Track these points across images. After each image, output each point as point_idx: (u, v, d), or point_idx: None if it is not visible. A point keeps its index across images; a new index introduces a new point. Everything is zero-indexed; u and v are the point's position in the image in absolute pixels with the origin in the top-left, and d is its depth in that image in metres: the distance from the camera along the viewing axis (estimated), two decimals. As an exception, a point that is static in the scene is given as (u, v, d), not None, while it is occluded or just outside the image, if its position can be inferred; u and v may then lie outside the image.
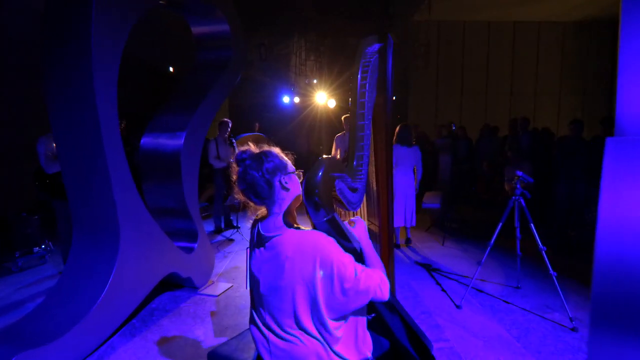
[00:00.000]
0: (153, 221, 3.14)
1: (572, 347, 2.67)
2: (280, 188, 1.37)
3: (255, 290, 1.47)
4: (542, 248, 3.04)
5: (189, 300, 3.49)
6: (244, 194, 1.39)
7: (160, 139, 3.53)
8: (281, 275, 1.33)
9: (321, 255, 1.29)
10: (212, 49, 3.97)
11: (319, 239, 1.33)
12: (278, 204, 1.39)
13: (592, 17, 11.37)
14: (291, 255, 1.32)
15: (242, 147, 1.43)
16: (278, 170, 1.36)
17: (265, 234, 1.39)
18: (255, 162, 1.35)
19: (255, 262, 1.45)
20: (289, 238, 1.33)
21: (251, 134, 7.33)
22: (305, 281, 1.31)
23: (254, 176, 1.33)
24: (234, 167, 1.41)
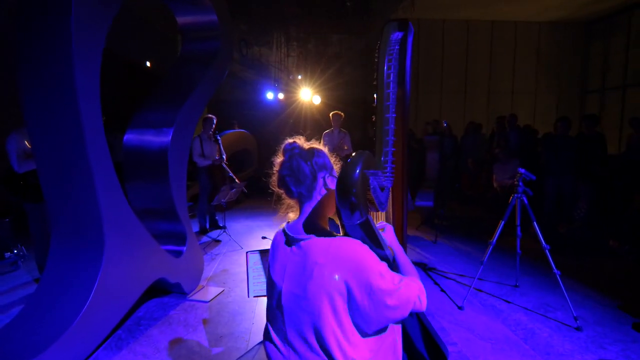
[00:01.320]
0: (140, 224, 2.91)
1: (580, 347, 2.63)
2: (323, 185, 1.28)
3: (274, 300, 1.31)
4: (546, 247, 2.99)
5: (178, 307, 3.27)
6: (283, 182, 1.29)
7: (145, 136, 3.29)
8: (308, 284, 1.18)
9: (357, 266, 1.15)
10: (198, 40, 3.75)
11: (354, 247, 1.18)
12: (314, 202, 1.28)
13: (566, 18, 11.66)
14: (322, 262, 1.17)
15: (289, 140, 1.34)
16: (324, 168, 1.29)
17: (293, 236, 1.25)
18: (305, 152, 1.28)
19: (277, 267, 1.30)
20: (320, 243, 1.19)
21: (235, 131, 7.08)
22: (335, 293, 1.16)
23: (301, 164, 1.26)
24: (278, 157, 1.34)
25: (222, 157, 5.27)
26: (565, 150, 4.91)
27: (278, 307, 1.27)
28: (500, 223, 3.18)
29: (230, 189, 4.78)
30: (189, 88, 3.45)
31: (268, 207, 7.31)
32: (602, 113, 11.43)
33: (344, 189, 1.21)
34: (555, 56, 12.30)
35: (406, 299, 1.18)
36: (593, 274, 3.89)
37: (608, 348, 2.61)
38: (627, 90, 10.95)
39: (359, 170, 1.19)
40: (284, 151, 1.31)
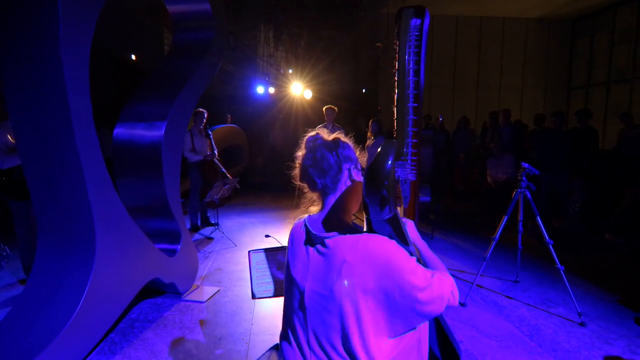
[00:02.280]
0: (133, 223, 2.78)
1: (586, 343, 2.61)
2: (348, 176, 1.21)
3: (295, 300, 1.21)
4: (549, 242, 2.96)
5: (173, 309, 3.15)
6: (306, 173, 1.21)
7: (136, 130, 3.14)
8: (335, 284, 1.09)
9: (387, 263, 1.07)
10: (191, 30, 3.60)
11: (383, 243, 1.10)
12: (339, 194, 1.20)
13: (552, 14, 11.77)
14: (350, 260, 1.08)
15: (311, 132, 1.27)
16: (350, 160, 1.21)
17: (317, 233, 1.16)
18: (329, 142, 1.21)
19: (298, 266, 1.21)
20: (347, 240, 1.11)
21: (225, 126, 6.92)
22: (365, 292, 1.07)
23: (325, 154, 1.19)
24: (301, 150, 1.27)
25: (213, 152, 5.13)
26: (559, 145, 4.92)
27: (301, 308, 1.18)
28: (504, 218, 3.14)
29: (223, 185, 4.65)
30: (182, 80, 3.31)
31: (260, 203, 7.20)
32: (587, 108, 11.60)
33: (374, 181, 1.12)
34: (542, 52, 12.43)
35: (440, 294, 1.10)
36: (590, 268, 3.90)
37: (614, 343, 2.59)
38: (611, 86, 11.13)
39: (391, 161, 1.10)
40: (307, 143, 1.24)
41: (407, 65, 1.42)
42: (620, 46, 10.73)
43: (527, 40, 12.43)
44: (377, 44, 9.78)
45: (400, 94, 1.42)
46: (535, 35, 12.42)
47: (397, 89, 1.43)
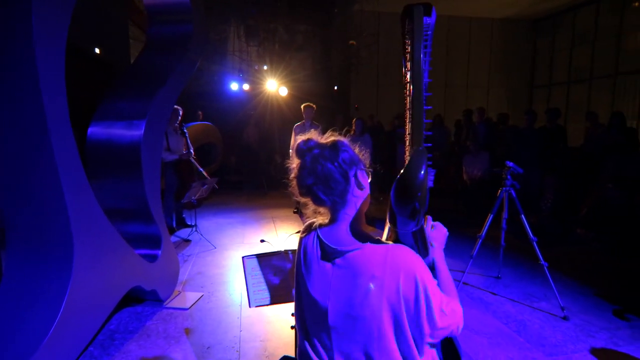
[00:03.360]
0: (112, 228, 2.61)
1: (571, 337, 2.69)
2: (355, 184, 1.08)
3: (317, 319, 1.14)
4: (533, 239, 3.04)
5: (155, 317, 3.00)
6: (309, 191, 1.08)
7: (114, 129, 2.96)
8: (364, 303, 1.03)
9: (415, 278, 1.01)
10: (168, 24, 3.42)
11: (411, 258, 1.05)
12: (350, 206, 1.10)
13: (516, 15, 12.17)
14: (379, 276, 1.01)
15: (301, 137, 1.12)
16: (353, 164, 1.09)
17: (335, 247, 1.08)
18: (328, 151, 1.07)
19: (317, 283, 1.12)
20: (372, 254, 1.04)
21: (199, 123, 6.70)
22: (393, 308, 1.02)
23: (328, 167, 1.05)
24: (293, 160, 1.12)
25: (189, 151, 4.95)
26: (532, 143, 5.09)
27: (323, 328, 1.11)
28: (489, 216, 3.20)
29: (201, 186, 4.49)
30: (161, 77, 3.14)
31: (236, 202, 7.03)
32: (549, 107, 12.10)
33: (406, 193, 1.06)
34: (506, 52, 12.83)
35: (446, 325, 1.07)
36: (566, 262, 4.05)
37: (596, 336, 2.69)
38: (571, 85, 11.65)
39: (424, 171, 1.05)
40: (300, 152, 1.09)
41: (423, 65, 1.38)
42: (580, 47, 11.23)
43: (493, 39, 12.80)
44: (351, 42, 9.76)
45: (416, 96, 1.37)
46: (500, 35, 12.81)
47: (413, 91, 1.38)
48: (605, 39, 10.23)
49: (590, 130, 5.93)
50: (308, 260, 1.15)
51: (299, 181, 1.09)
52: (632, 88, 9.75)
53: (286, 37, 9.33)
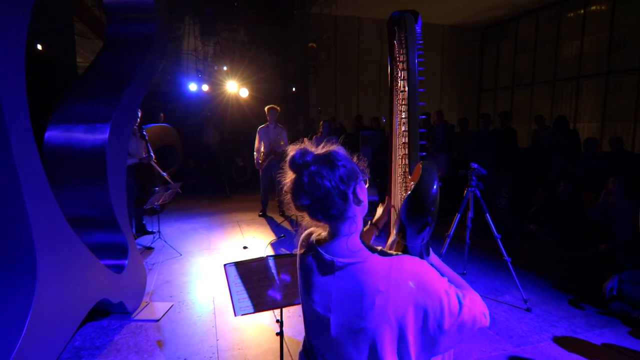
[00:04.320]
0: (77, 238, 2.45)
1: (535, 327, 2.87)
2: (353, 201, 1.04)
3: (319, 331, 1.13)
4: (498, 236, 3.21)
5: (123, 331, 2.84)
6: (306, 209, 1.04)
7: (75, 133, 2.77)
8: (368, 316, 1.01)
9: (422, 288, 1.00)
10: (130, 22, 3.26)
11: (417, 266, 1.04)
12: (349, 224, 1.06)
13: (465, 23, 12.79)
14: (384, 289, 0.99)
15: (295, 147, 1.06)
16: (352, 179, 1.03)
17: (336, 260, 1.05)
18: (324, 167, 1.01)
19: (317, 297, 1.09)
20: (376, 266, 1.02)
21: (157, 125, 6.43)
22: (402, 323, 1.00)
23: (326, 187, 0.99)
24: (287, 175, 1.05)
25: (149, 154, 4.74)
26: (487, 144, 5.37)
27: (326, 340, 1.10)
28: (457, 216, 3.33)
29: (165, 190, 4.32)
30: (125, 78, 2.99)
31: (198, 207, 6.82)
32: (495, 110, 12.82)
33: (420, 208, 1.06)
34: (457, 56, 13.44)
35: (472, 316, 1.08)
36: (523, 257, 4.30)
37: (557, 325, 2.89)
38: (514, 90, 12.41)
39: (436, 185, 1.06)
40: (296, 167, 1.03)
41: (418, 75, 1.41)
42: (522, 54, 11.99)
43: (444, 45, 13.36)
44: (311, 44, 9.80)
45: (411, 105, 1.41)
46: (451, 41, 13.39)
47: (408, 100, 1.41)
48: (545, 47, 11.00)
49: (537, 132, 6.35)
50: (308, 274, 1.12)
51: (294, 198, 1.04)
52: (569, 93, 10.54)
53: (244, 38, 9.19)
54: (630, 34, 8.68)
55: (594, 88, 9.73)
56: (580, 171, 5.28)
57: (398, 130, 1.62)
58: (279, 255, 2.23)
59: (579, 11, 10.04)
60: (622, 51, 8.94)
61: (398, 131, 1.62)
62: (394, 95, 1.76)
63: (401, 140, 1.55)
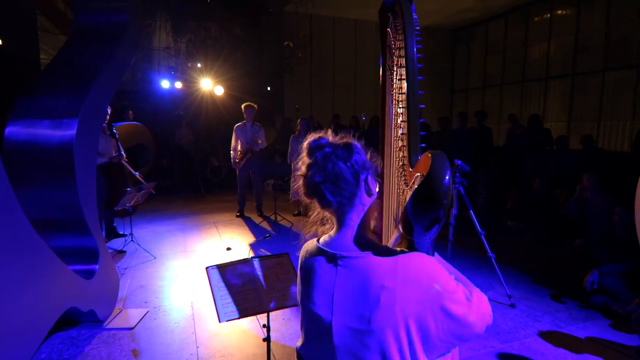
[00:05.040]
0: (42, 242, 2.26)
1: (520, 323, 2.88)
2: (364, 189, 1.02)
3: (319, 337, 1.04)
4: (482, 232, 3.20)
5: (94, 341, 2.65)
6: (316, 190, 1.00)
7: (39, 129, 2.56)
8: (373, 315, 0.94)
9: (430, 285, 0.95)
10: (100, 12, 3.07)
11: (424, 262, 0.98)
12: (357, 211, 1.03)
13: (437, 24, 12.99)
14: (390, 286, 0.93)
15: (312, 135, 1.05)
16: (365, 168, 1.02)
17: (339, 253, 1.00)
18: (342, 150, 1.00)
19: (319, 297, 1.02)
20: (382, 262, 0.96)
21: (127, 123, 6.16)
22: (408, 321, 0.94)
23: (340, 166, 0.99)
24: (303, 158, 1.04)
25: (120, 153, 4.51)
26: (466, 142, 5.42)
27: (327, 346, 1.01)
28: (441, 213, 3.31)
29: (137, 191, 4.10)
30: (94, 70, 2.80)
31: (172, 208, 6.58)
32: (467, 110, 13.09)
33: (431, 202, 0.99)
34: (429, 58, 13.58)
35: (481, 315, 1.03)
36: (503, 253, 4.32)
37: (542, 320, 2.90)
38: (485, 90, 12.71)
39: (449, 176, 0.99)
40: (310, 150, 1.03)
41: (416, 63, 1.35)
42: (492, 56, 12.29)
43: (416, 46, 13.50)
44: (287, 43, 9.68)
45: (410, 94, 1.33)
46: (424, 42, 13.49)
47: (408, 89, 1.34)
48: (514, 49, 11.30)
49: (511, 131, 6.48)
50: (307, 274, 1.06)
51: (306, 180, 1.01)
52: (537, 93, 10.87)
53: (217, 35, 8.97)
54: (594, 38, 9.02)
55: (561, 89, 10.06)
56: (553, 168, 5.41)
57: (394, 122, 1.56)
58: (265, 257, 2.13)
59: (546, 15, 10.36)
60: (586, 54, 9.27)
61: (394, 123, 1.56)
62: (388, 86, 1.69)
63: (398, 132, 1.48)
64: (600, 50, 8.82)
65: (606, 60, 8.59)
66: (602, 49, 8.72)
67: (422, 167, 1.12)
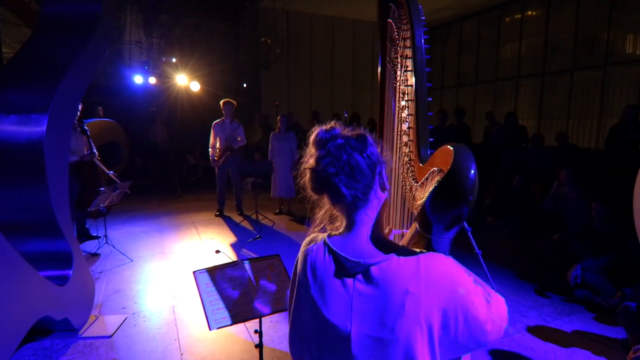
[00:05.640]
0: (11, 248, 2.09)
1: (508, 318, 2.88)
2: (379, 183, 0.95)
3: (334, 348, 0.96)
4: (468, 229, 3.19)
5: (69, 351, 2.49)
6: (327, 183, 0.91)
7: (5, 124, 2.37)
8: (397, 322, 0.87)
9: (453, 289, 0.89)
10: (70, 2, 2.89)
11: (445, 264, 0.92)
12: (371, 207, 0.95)
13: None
14: (414, 291, 0.87)
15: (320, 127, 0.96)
16: (378, 162, 0.94)
17: (356, 260, 0.91)
18: (355, 141, 0.92)
19: (333, 305, 0.93)
20: (404, 265, 0.89)
21: (99, 120, 5.88)
22: (428, 324, 0.88)
23: (355, 157, 0.91)
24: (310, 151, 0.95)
25: (92, 151, 4.28)
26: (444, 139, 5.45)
27: (344, 358, 0.94)
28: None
29: (112, 191, 3.90)
30: (65, 63, 2.62)
31: (148, 208, 6.34)
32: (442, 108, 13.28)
33: (455, 197, 0.93)
34: (405, 56, 13.73)
35: (500, 318, 0.98)
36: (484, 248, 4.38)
37: (528, 315, 2.93)
38: (459, 89, 12.92)
39: (474, 170, 0.93)
40: (320, 142, 0.94)
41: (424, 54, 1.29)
42: (466, 55, 12.51)
43: (393, 44, 13.59)
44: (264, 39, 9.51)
45: (418, 86, 1.28)
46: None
47: (416, 80, 1.28)
48: (487, 49, 11.53)
49: (488, 128, 6.58)
50: (319, 279, 0.96)
51: (316, 173, 0.92)
52: (509, 92, 11.13)
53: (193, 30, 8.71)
54: (562, 38, 9.30)
55: (531, 88, 10.34)
56: (530, 165, 5.52)
57: (397, 117, 1.50)
58: (255, 259, 2.04)
59: (517, 16, 10.61)
60: (556, 53, 9.56)
61: (397, 118, 1.50)
62: (389, 79, 1.63)
63: (403, 127, 1.42)
64: (569, 50, 9.10)
65: (575, 60, 8.87)
66: (571, 49, 9.00)
67: (439, 162, 1.06)
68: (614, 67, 8.21)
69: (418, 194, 1.23)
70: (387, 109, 1.65)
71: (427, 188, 1.12)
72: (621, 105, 8.02)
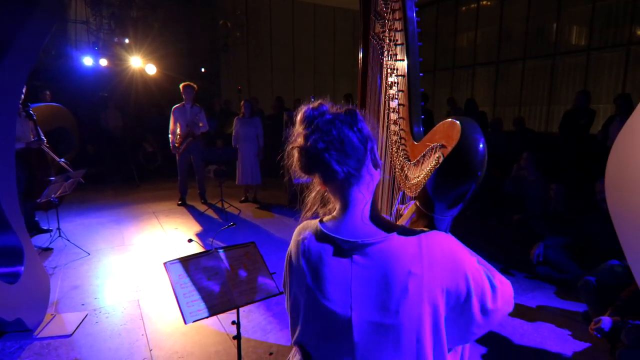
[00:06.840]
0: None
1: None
2: (371, 159, 0.89)
3: (334, 335, 0.91)
4: (437, 212, 3.25)
5: (24, 353, 2.28)
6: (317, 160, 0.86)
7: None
8: (401, 306, 0.83)
9: (458, 268, 0.86)
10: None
11: (449, 243, 0.88)
12: (365, 184, 0.89)
13: (374, 9, 13.13)
14: (417, 271, 0.83)
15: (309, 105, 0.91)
16: (369, 138, 0.89)
17: (353, 240, 0.87)
18: (344, 116, 0.88)
19: (331, 290, 0.88)
20: (404, 245, 0.85)
21: (46, 104, 5.41)
22: (433, 307, 0.85)
23: (345, 131, 0.86)
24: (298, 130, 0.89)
25: (40, 137, 3.94)
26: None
27: (344, 345, 0.89)
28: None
29: (64, 180, 3.61)
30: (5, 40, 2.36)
31: (103, 198, 5.98)
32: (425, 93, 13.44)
33: (463, 173, 0.88)
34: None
35: (507, 297, 0.96)
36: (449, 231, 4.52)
37: (496, 293, 3.03)
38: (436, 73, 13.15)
39: (483, 144, 0.89)
40: (307, 119, 0.89)
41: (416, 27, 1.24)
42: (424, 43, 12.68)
43: (355, 30, 13.59)
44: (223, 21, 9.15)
45: (410, 61, 1.22)
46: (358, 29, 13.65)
47: (408, 54, 1.22)
48: (444, 37, 11.78)
49: (450, 114, 6.74)
50: (314, 266, 0.91)
51: (305, 150, 0.86)
52: (465, 79, 11.48)
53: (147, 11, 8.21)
54: (515, 28, 9.67)
55: (486, 75, 10.71)
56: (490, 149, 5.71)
57: (384, 95, 1.45)
58: (230, 247, 1.95)
59: (472, 5, 10.89)
60: (509, 42, 9.92)
61: (383, 95, 1.45)
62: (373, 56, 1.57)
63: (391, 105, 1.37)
64: (520, 39, 9.47)
65: (526, 49, 9.25)
66: (523, 39, 9.37)
67: (440, 137, 1.01)
68: (561, 57, 8.64)
69: (411, 173, 1.18)
70: (372, 86, 1.59)
71: (425, 166, 1.07)
72: (568, 93, 8.50)
